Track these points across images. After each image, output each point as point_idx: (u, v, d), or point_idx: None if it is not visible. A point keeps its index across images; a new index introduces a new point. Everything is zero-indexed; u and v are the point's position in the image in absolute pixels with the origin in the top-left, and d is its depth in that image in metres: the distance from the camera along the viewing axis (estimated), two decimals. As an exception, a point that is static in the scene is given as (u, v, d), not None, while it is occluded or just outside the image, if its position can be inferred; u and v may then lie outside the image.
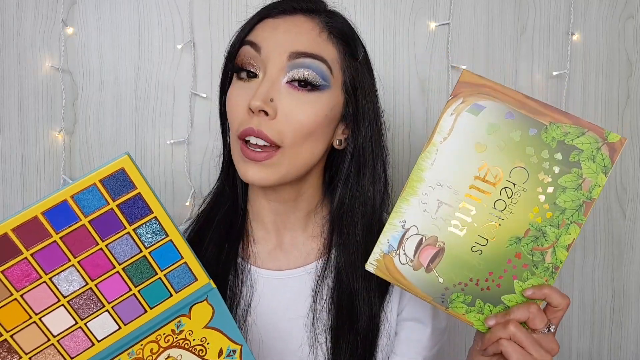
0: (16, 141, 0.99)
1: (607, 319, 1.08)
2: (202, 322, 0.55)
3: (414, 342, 0.69)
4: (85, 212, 0.49)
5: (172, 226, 0.52)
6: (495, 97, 0.57)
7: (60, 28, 0.97)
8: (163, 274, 0.54)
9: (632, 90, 1.04)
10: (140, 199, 0.50)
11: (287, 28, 0.62)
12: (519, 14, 1.02)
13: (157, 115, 0.99)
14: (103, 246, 0.51)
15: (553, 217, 0.55)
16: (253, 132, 0.59)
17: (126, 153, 0.48)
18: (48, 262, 0.50)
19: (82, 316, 0.53)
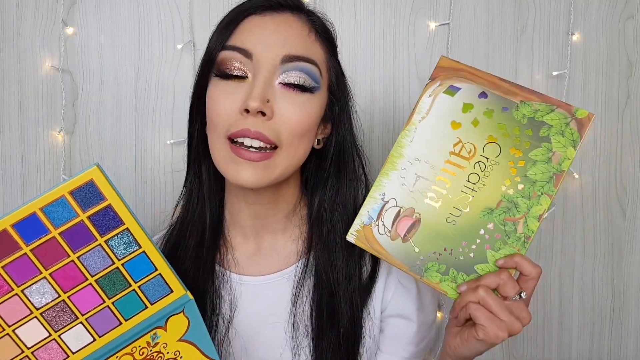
0: (16, 141, 0.99)
1: (607, 319, 1.08)
2: (177, 334, 0.55)
3: (400, 338, 0.69)
4: (55, 224, 0.48)
5: (145, 237, 0.51)
6: (470, 79, 0.61)
7: (60, 28, 0.97)
8: (137, 286, 0.53)
9: (632, 90, 1.04)
10: (111, 210, 0.49)
11: (276, 28, 0.61)
12: (519, 14, 1.02)
13: (157, 115, 0.99)
14: (74, 258, 0.50)
15: (524, 189, 0.58)
16: (249, 133, 0.58)
17: (95, 164, 0.48)
18: (19, 274, 0.49)
19: (56, 328, 0.52)
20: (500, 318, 0.53)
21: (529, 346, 1.07)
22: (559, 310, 1.06)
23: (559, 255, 1.06)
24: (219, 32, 0.63)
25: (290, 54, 0.60)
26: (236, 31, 0.61)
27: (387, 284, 0.68)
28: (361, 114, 1.01)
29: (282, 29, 0.61)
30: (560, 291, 1.06)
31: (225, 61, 0.60)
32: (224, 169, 0.61)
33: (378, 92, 1.02)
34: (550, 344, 1.07)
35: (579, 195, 1.05)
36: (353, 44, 1.00)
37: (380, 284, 0.68)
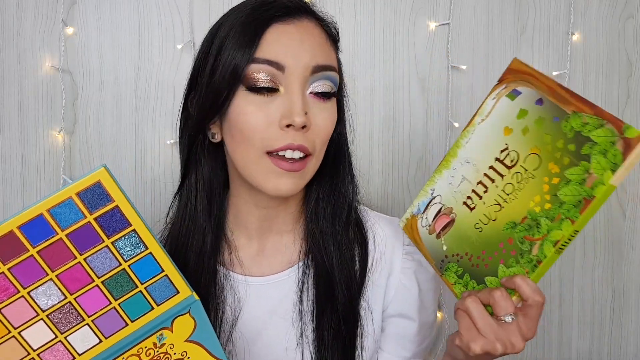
0: (16, 141, 0.99)
1: (607, 319, 1.08)
2: (184, 335, 0.55)
3: (401, 338, 0.69)
4: (62, 225, 0.48)
5: (152, 238, 0.51)
6: (532, 83, 0.58)
7: (60, 28, 0.97)
8: (144, 287, 0.53)
9: (632, 90, 1.04)
10: (118, 211, 0.49)
11: (301, 37, 0.61)
12: (519, 14, 1.02)
13: (157, 115, 0.99)
14: (81, 260, 0.50)
15: (551, 209, 0.54)
16: (293, 147, 0.59)
17: (103, 165, 0.47)
18: (26, 276, 0.49)
19: (62, 330, 0.52)
20: (481, 333, 0.53)
21: (529, 346, 1.07)
22: (559, 310, 1.06)
23: (559, 255, 1.06)
24: (241, 42, 0.60)
25: (318, 64, 0.60)
26: (262, 42, 0.60)
27: (389, 283, 0.69)
28: (361, 114, 1.02)
29: (307, 38, 0.61)
30: (560, 291, 1.06)
31: (256, 74, 0.59)
32: (262, 181, 0.61)
33: (378, 92, 1.02)
34: (550, 344, 1.07)
35: (579, 195, 1.05)
36: (353, 44, 1.00)
37: (381, 282, 0.68)
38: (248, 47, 0.59)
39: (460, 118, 1.02)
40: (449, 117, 1.02)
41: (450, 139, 1.02)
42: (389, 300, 0.69)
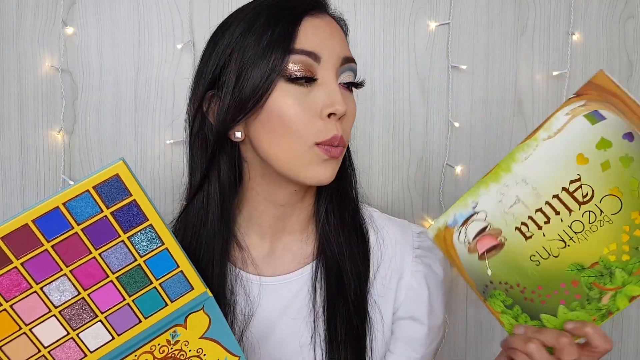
0: (16, 141, 0.98)
1: (607, 319, 1.07)
2: (199, 332, 0.54)
3: (411, 340, 0.69)
4: (78, 219, 0.47)
5: (168, 234, 0.50)
6: (622, 110, 0.50)
7: (60, 28, 0.97)
8: (158, 283, 0.52)
9: (632, 90, 1.04)
10: (136, 206, 0.48)
11: (330, 31, 0.63)
12: (519, 14, 1.02)
13: (157, 115, 0.99)
14: (96, 255, 0.49)
15: (629, 262, 0.50)
16: (337, 139, 0.60)
17: (121, 159, 0.46)
18: (39, 271, 0.48)
19: (74, 326, 0.51)
20: None
21: (529, 346, 1.07)
22: (559, 310, 1.06)
23: (559, 255, 1.06)
24: (278, 35, 0.60)
25: (345, 56, 0.63)
26: (299, 34, 0.60)
27: (400, 286, 0.69)
28: (361, 113, 1.02)
29: (334, 31, 0.63)
30: (560, 291, 1.06)
31: (295, 65, 0.59)
32: (303, 172, 0.61)
33: (378, 92, 1.02)
34: (550, 344, 1.07)
35: (579, 195, 1.05)
36: (353, 44, 1.00)
37: (391, 285, 0.69)
38: (287, 40, 0.60)
39: (460, 118, 1.02)
40: (449, 117, 1.02)
41: (450, 139, 1.02)
42: (400, 303, 0.69)
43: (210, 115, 0.65)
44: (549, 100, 1.03)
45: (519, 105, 1.03)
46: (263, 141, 0.61)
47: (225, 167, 0.66)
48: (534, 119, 1.03)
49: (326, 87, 0.60)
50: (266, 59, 0.59)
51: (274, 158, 0.61)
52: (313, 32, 0.61)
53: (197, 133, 0.66)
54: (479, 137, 1.03)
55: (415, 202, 1.03)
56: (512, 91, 1.03)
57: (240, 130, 0.63)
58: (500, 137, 1.03)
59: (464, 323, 1.05)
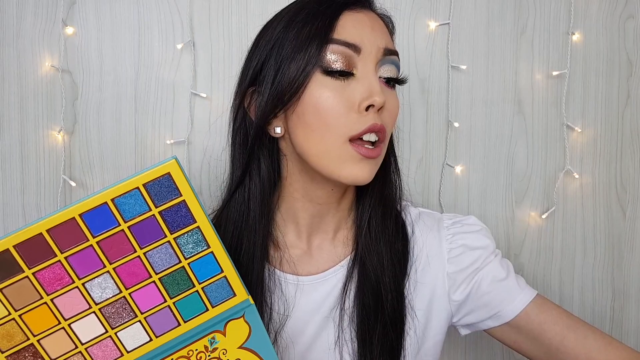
0: (16, 141, 0.98)
1: (607, 319, 1.07)
2: (238, 341, 0.53)
3: (500, 286, 0.68)
4: (125, 217, 0.46)
5: (215, 237, 0.49)
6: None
7: (60, 28, 0.97)
8: (201, 287, 0.51)
9: (632, 90, 1.04)
10: (185, 206, 0.47)
11: (372, 24, 0.62)
12: (519, 14, 1.02)
13: (157, 115, 0.99)
14: (141, 254, 0.48)
15: None
16: (376, 127, 0.59)
17: (174, 157, 0.45)
18: (82, 266, 0.47)
19: (113, 325, 0.50)
20: None
21: (529, 346, 1.07)
22: (559, 310, 1.06)
23: (559, 255, 1.06)
24: (316, 28, 0.59)
25: (387, 48, 0.61)
26: (338, 25, 0.60)
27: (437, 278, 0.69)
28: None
29: (376, 25, 0.62)
30: (560, 291, 1.06)
31: (333, 56, 0.59)
32: (337, 170, 0.60)
33: (378, 92, 1.02)
34: (550, 344, 1.07)
35: (579, 195, 1.05)
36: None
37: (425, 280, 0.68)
38: (326, 31, 0.59)
39: (460, 118, 1.02)
40: (449, 117, 1.02)
41: (450, 138, 1.02)
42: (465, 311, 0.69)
43: (251, 111, 0.65)
44: (549, 100, 1.03)
45: (519, 105, 1.03)
46: (299, 136, 0.61)
47: (265, 162, 0.66)
48: (534, 119, 1.03)
49: (364, 80, 0.59)
50: (303, 51, 0.59)
51: (309, 154, 0.61)
52: (353, 24, 0.60)
53: (238, 129, 0.67)
54: (479, 137, 1.03)
55: (415, 202, 1.03)
56: (512, 91, 1.03)
57: (280, 126, 0.63)
58: (500, 137, 1.03)
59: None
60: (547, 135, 1.03)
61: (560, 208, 1.05)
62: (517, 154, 1.04)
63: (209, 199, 1.01)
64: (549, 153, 1.04)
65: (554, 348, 0.65)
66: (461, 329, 0.72)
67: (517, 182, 1.04)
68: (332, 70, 0.59)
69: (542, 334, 0.65)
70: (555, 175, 1.04)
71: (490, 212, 1.04)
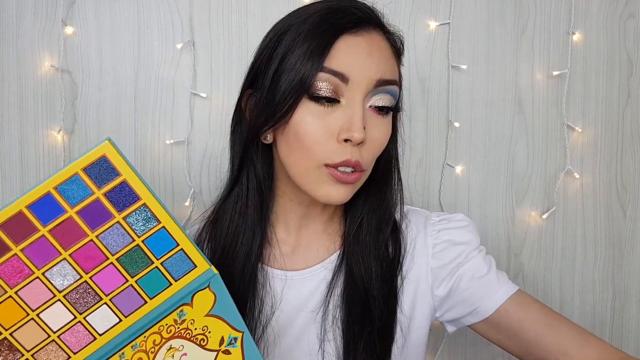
0: (15, 141, 0.98)
1: (607, 319, 1.07)
2: (204, 310, 0.54)
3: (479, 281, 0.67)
4: (71, 203, 0.47)
5: (164, 212, 0.50)
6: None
7: (59, 28, 0.97)
8: (159, 262, 0.52)
9: (633, 89, 1.04)
10: (127, 185, 0.48)
11: (370, 50, 0.60)
12: (519, 13, 1.02)
13: (157, 115, 0.99)
14: (93, 237, 0.49)
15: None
16: (350, 163, 0.60)
17: (107, 139, 0.46)
18: (39, 256, 0.48)
19: (80, 310, 0.51)
20: None
21: (529, 346, 1.07)
22: (559, 310, 1.06)
23: (559, 255, 1.06)
24: (312, 51, 0.59)
25: (382, 78, 0.60)
26: (332, 52, 0.59)
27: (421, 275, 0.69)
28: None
29: (375, 51, 0.61)
30: (560, 291, 1.06)
31: (320, 83, 0.59)
32: (314, 189, 0.62)
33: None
34: (550, 344, 1.07)
35: (580, 195, 1.05)
36: (353, 44, 0.99)
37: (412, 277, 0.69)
38: (318, 56, 0.59)
39: (460, 118, 1.02)
40: (449, 117, 1.02)
41: (450, 138, 1.02)
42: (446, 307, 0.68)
43: (247, 112, 0.67)
44: (549, 100, 1.03)
45: (519, 105, 1.03)
46: (283, 151, 0.63)
47: (259, 164, 0.68)
48: (534, 118, 1.03)
49: (349, 110, 0.59)
50: (299, 74, 0.59)
51: (289, 169, 0.63)
52: (347, 50, 0.60)
53: (235, 126, 0.70)
54: (479, 137, 1.03)
55: (415, 202, 1.03)
56: (512, 91, 1.03)
57: (270, 134, 0.65)
58: (500, 137, 1.03)
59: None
60: (547, 135, 1.03)
61: (561, 208, 1.05)
62: (517, 154, 1.03)
63: (209, 198, 1.01)
64: (550, 153, 1.04)
65: (532, 345, 0.65)
66: (446, 325, 0.72)
67: (517, 182, 1.04)
68: (316, 96, 0.59)
69: (522, 331, 0.65)
70: (556, 175, 1.04)
71: (490, 212, 1.04)
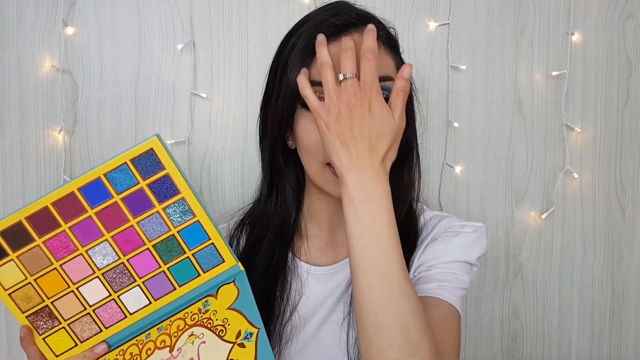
0: (16, 141, 0.99)
1: (607, 319, 1.08)
2: (227, 303, 0.58)
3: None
4: (118, 189, 0.52)
5: (200, 207, 0.54)
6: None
7: (60, 28, 0.97)
8: (191, 253, 0.56)
9: (632, 90, 1.04)
10: (169, 179, 0.53)
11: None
12: (519, 14, 1.02)
13: (157, 115, 1.00)
14: (134, 223, 0.54)
15: None
16: None
17: (156, 134, 0.51)
18: (84, 235, 0.53)
19: (116, 289, 0.56)
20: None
21: (529, 346, 1.07)
22: (558, 310, 1.06)
23: (558, 255, 1.06)
24: (298, 65, 0.63)
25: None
26: (315, 63, 0.62)
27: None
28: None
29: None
30: (560, 291, 1.06)
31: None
32: (324, 187, 0.66)
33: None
34: (550, 344, 1.07)
35: (579, 195, 1.05)
36: (353, 44, 1.00)
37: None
38: (301, 68, 0.63)
39: (460, 118, 1.02)
40: (448, 117, 1.02)
41: (450, 138, 1.02)
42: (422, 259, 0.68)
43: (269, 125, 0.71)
44: (549, 100, 1.03)
45: (519, 105, 1.03)
46: (299, 153, 0.68)
47: (291, 168, 0.72)
48: (533, 119, 1.03)
49: None
50: (289, 87, 0.64)
51: (306, 170, 0.68)
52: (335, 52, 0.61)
53: (261, 137, 0.73)
54: (479, 137, 1.03)
55: (414, 202, 1.03)
56: (511, 91, 1.03)
57: (291, 141, 0.69)
58: (500, 137, 1.03)
59: (463, 323, 1.05)
60: (546, 135, 1.04)
61: (560, 208, 1.05)
62: (516, 154, 1.04)
63: (209, 198, 1.01)
64: (549, 153, 1.04)
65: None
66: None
67: (516, 182, 1.04)
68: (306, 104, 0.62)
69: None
70: (555, 175, 1.04)
71: (490, 212, 1.04)
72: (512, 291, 1.05)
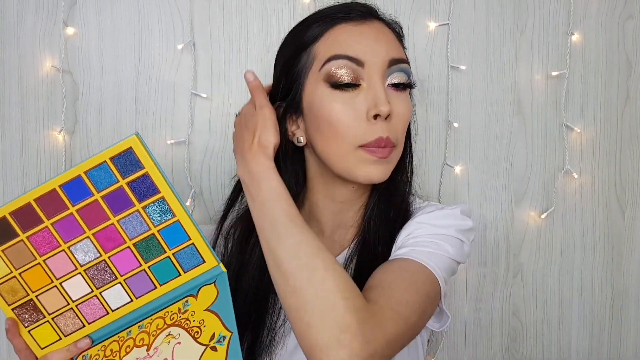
0: (17, 141, 0.99)
1: (607, 319, 1.08)
2: (205, 304, 0.58)
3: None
4: (98, 187, 0.52)
5: (180, 207, 0.54)
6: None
7: (60, 28, 0.97)
8: (172, 253, 0.57)
9: (632, 90, 1.04)
10: (148, 178, 0.53)
11: (376, 36, 0.66)
12: (519, 14, 1.02)
13: (158, 115, 1.00)
14: (115, 221, 0.54)
15: None
16: (382, 142, 0.63)
17: (135, 133, 0.51)
18: (66, 232, 0.54)
19: (97, 285, 0.57)
20: None
21: (529, 346, 1.07)
22: (558, 310, 1.07)
23: (558, 255, 1.06)
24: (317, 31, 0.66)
25: (394, 57, 0.65)
26: (340, 38, 0.65)
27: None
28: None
29: (380, 36, 0.66)
30: (560, 291, 1.06)
31: (338, 71, 0.64)
32: (354, 172, 0.65)
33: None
34: (550, 344, 1.07)
35: (579, 195, 1.05)
36: (353, 44, 1.00)
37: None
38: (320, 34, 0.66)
39: (460, 118, 1.02)
40: (448, 117, 1.02)
41: (450, 139, 1.03)
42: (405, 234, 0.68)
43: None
44: (548, 101, 1.03)
45: (518, 106, 1.03)
46: (318, 144, 0.67)
47: (292, 169, 0.72)
48: (533, 119, 1.03)
49: (371, 90, 0.64)
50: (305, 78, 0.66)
51: (329, 159, 0.67)
52: (355, 38, 0.64)
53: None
54: (478, 137, 1.03)
55: (414, 202, 1.03)
56: (511, 91, 1.03)
57: (302, 135, 0.69)
58: (500, 137, 1.03)
59: (463, 323, 1.05)
60: (546, 135, 1.04)
61: (560, 208, 1.05)
62: (516, 154, 1.04)
63: (209, 198, 1.01)
64: (549, 153, 1.04)
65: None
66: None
67: (516, 182, 1.04)
68: (338, 84, 0.64)
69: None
70: (555, 175, 1.04)
71: (489, 212, 1.04)
72: (511, 291, 1.05)
